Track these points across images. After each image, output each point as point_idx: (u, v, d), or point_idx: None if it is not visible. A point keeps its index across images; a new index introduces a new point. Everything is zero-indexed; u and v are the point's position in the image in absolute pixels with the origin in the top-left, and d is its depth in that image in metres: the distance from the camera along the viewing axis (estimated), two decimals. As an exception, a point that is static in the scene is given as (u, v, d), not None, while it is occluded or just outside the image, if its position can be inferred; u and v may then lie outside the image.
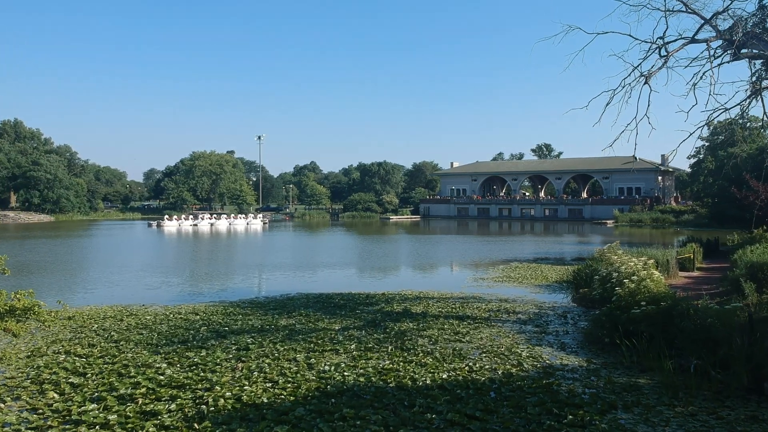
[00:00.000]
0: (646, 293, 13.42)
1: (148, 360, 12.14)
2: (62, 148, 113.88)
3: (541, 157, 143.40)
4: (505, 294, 21.53)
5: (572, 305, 19.22)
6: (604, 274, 16.01)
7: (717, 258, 31.60)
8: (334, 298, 20.27)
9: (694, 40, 13.23)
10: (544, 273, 27.46)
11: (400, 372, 11.20)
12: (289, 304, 19.18)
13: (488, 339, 14.20)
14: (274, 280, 26.49)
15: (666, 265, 21.77)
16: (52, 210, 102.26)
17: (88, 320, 16.60)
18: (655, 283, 13.57)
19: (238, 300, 20.24)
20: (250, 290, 22.93)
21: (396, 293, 21.64)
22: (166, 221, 78.94)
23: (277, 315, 17.25)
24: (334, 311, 17.89)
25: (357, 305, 18.96)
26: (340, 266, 31.72)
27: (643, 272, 14.12)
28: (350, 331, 15.00)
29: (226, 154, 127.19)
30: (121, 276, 27.69)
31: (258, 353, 12.66)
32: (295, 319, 16.68)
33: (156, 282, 25.54)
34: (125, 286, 24.53)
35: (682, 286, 20.92)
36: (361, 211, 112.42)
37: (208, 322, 16.29)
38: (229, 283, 25.44)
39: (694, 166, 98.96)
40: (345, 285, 24.45)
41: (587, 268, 21.06)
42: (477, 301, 19.81)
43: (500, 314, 17.48)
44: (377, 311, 17.85)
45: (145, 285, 24.75)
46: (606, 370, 11.58)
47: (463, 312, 17.79)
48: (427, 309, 18.21)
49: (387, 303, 19.29)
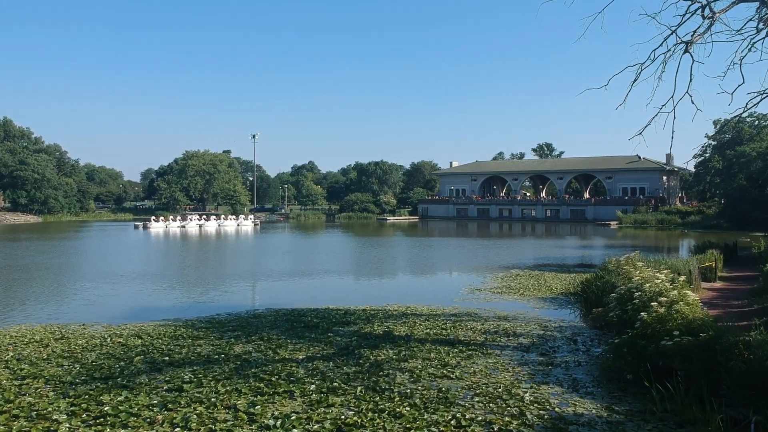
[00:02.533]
0: (679, 319, 10.75)
1: (47, 408, 9.50)
2: (51, 147, 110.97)
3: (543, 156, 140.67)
4: (504, 309, 18.85)
5: (582, 325, 16.55)
6: (622, 291, 13.33)
7: (737, 265, 28.90)
8: (307, 316, 17.60)
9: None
10: (548, 283, 24.77)
11: (366, 429, 8.57)
12: (252, 324, 16.51)
13: (483, 374, 11.54)
14: (245, 291, 23.76)
15: (688, 276, 19.08)
16: (40, 210, 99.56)
17: (4, 346, 13.92)
18: (690, 307, 10.91)
19: (196, 317, 17.57)
20: (214, 305, 20.23)
21: (380, 309, 18.96)
22: (152, 222, 76.23)
23: (234, 339, 14.59)
24: (302, 333, 15.23)
25: (332, 325, 16.29)
26: (322, 274, 28.99)
27: (673, 292, 11.45)
28: (316, 363, 12.34)
29: (220, 153, 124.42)
30: (77, 286, 25.00)
31: (191, 397, 10.03)
32: (253, 344, 14.02)
33: (113, 293, 22.83)
34: (75, 299, 21.80)
35: (709, 300, 18.25)
36: (358, 212, 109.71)
37: (148, 348, 13.64)
38: (194, 294, 22.75)
39: (699, 166, 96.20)
40: (324, 297, 21.79)
41: (598, 280, 18.37)
42: (472, 319, 17.14)
43: (498, 337, 14.80)
44: (353, 333, 15.18)
45: (99, 297, 22.04)
46: (632, 422, 8.94)
47: (455, 334, 15.12)
48: (412, 330, 15.54)
49: (367, 322, 16.62)
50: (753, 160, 68.93)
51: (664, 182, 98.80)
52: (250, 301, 20.71)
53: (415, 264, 35.67)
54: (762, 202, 57.05)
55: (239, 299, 21.49)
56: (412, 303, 20.05)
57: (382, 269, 31.99)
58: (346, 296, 22.34)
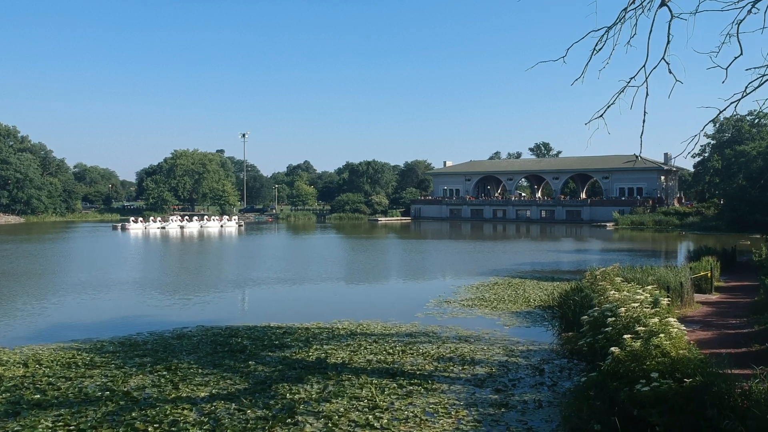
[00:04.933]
0: (658, 357, 8.45)
1: None
2: (36, 146, 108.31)
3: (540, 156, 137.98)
4: (469, 327, 16.52)
5: (555, 346, 14.22)
6: (595, 314, 11.01)
7: (736, 273, 26.58)
8: (238, 336, 15.28)
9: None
10: (527, 293, 22.42)
11: None
12: (170, 347, 14.20)
13: (416, 421, 9.25)
14: (188, 304, 21.21)
15: (679, 289, 16.77)
16: (23, 211, 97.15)
17: None
18: (673, 341, 8.60)
19: (110, 338, 15.22)
20: (142, 321, 17.86)
21: (327, 326, 16.63)
22: (131, 224, 73.81)
23: (137, 368, 12.28)
24: (221, 360, 12.92)
25: (261, 349, 13.98)
26: (282, 283, 26.46)
27: (653, 320, 9.13)
28: (216, 404, 10.04)
29: (210, 152, 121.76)
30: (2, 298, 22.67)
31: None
32: (154, 376, 11.71)
33: (38, 308, 20.37)
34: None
35: (702, 318, 15.93)
36: (349, 212, 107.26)
37: (25, 381, 11.36)
38: (127, 308, 20.31)
39: (697, 166, 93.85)
40: (272, 311, 19.49)
41: (577, 293, 16.02)
42: (428, 341, 14.82)
43: (452, 366, 12.49)
44: (281, 361, 12.86)
45: (19, 311, 19.67)
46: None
47: (402, 361, 12.81)
48: (352, 356, 13.22)
49: (305, 345, 14.30)
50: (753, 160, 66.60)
51: (662, 182, 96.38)
52: (186, 317, 18.32)
53: (389, 269, 33.30)
54: (762, 204, 54.66)
55: (175, 314, 19.12)
56: (367, 318, 17.72)
57: (352, 276, 29.47)
58: (297, 309, 20.01)
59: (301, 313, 18.79)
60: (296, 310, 19.93)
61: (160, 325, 16.80)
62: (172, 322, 17.23)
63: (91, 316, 18.91)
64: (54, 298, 22.32)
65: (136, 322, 17.44)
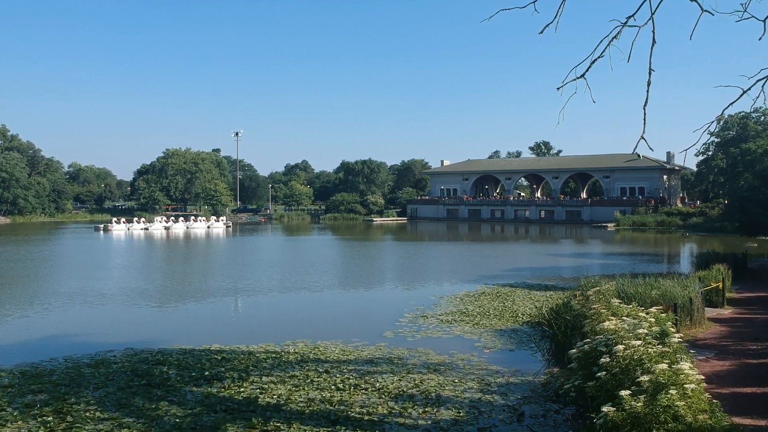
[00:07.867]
0: (669, 423, 6.09)
1: None
2: (24, 144, 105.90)
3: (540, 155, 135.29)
4: (442, 350, 14.14)
5: (541, 378, 11.84)
6: (586, 347, 8.66)
7: (748, 281, 24.15)
8: (165, 363, 12.91)
9: None
10: (515, 305, 20.03)
11: None
12: (79, 378, 11.84)
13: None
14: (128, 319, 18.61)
15: (688, 306, 14.39)
16: (10, 211, 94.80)
17: None
18: (688, 400, 6.26)
19: (12, 366, 12.83)
20: (65, 341, 15.47)
21: (276, 350, 14.25)
22: (114, 225, 71.39)
23: (18, 411, 9.94)
24: (130, 398, 10.57)
25: (188, 380, 11.64)
26: (245, 293, 23.70)
27: (660, 366, 6.76)
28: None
29: (203, 151, 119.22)
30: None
31: None
32: (33, 423, 9.37)
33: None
34: None
35: (717, 341, 13.54)
36: (344, 213, 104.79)
37: None
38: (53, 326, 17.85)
39: (701, 164, 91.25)
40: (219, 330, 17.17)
41: (568, 311, 13.62)
42: (389, 370, 12.44)
43: (411, 408, 10.12)
44: (202, 400, 10.51)
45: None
46: None
47: (351, 401, 10.45)
48: (292, 394, 10.86)
49: (240, 377, 11.93)
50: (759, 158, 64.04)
51: (664, 181, 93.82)
52: (120, 336, 15.93)
53: (370, 276, 30.81)
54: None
55: (110, 332, 16.70)
56: (326, 339, 15.34)
57: (325, 284, 26.41)
58: (249, 327, 17.66)
59: (253, 332, 16.43)
60: (248, 327, 17.58)
61: (85, 348, 14.43)
62: (99, 344, 14.84)
63: (11, 335, 16.52)
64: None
65: (59, 343, 15.07)
